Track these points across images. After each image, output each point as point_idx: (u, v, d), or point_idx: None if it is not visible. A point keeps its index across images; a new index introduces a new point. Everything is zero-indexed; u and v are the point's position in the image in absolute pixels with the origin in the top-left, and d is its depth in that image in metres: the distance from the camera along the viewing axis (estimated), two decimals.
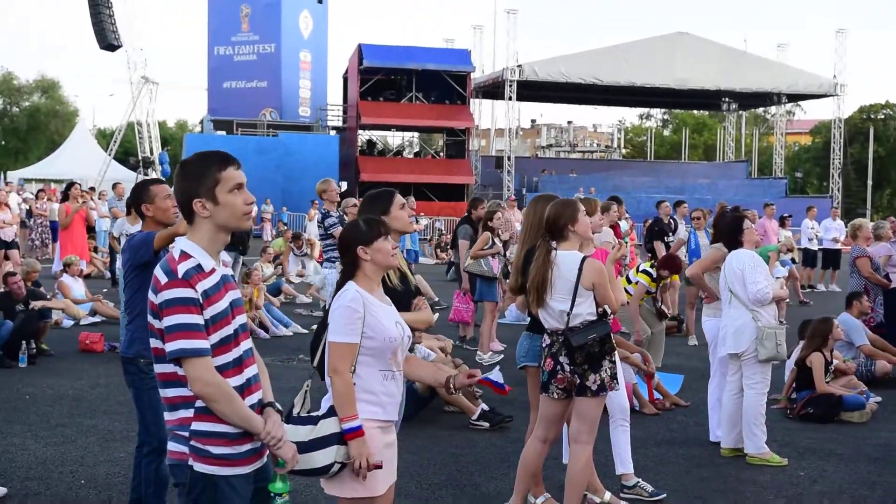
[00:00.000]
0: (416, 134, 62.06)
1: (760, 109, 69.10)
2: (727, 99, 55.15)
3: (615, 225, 12.66)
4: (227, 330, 3.39)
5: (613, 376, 5.68)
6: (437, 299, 16.66)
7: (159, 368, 3.38)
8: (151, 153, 44.46)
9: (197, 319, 3.29)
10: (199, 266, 3.36)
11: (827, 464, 7.51)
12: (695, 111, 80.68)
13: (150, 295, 3.36)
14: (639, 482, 6.52)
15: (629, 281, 10.58)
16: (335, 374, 4.12)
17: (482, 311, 12.21)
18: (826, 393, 8.99)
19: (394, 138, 62.68)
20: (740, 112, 62.79)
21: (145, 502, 5.28)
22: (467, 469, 7.14)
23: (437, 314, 15.01)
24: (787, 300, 17.25)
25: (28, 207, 24.16)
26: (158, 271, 3.35)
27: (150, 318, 3.39)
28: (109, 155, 44.04)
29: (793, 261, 19.27)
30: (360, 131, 49.23)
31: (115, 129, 48.71)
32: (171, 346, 3.27)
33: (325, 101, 52.78)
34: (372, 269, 4.27)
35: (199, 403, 3.33)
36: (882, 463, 7.55)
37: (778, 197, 47.63)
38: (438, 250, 28.60)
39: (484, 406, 8.57)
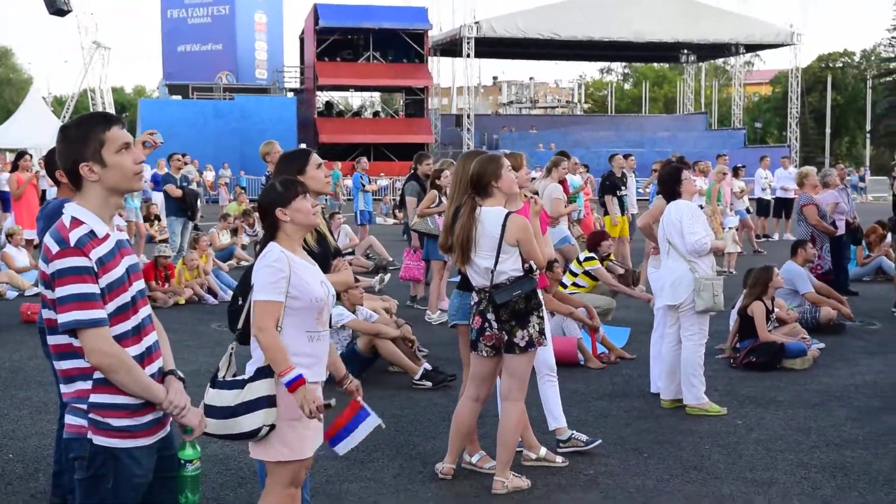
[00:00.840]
0: (377, 94, 61.69)
1: (720, 61, 69.25)
2: (685, 51, 55.17)
3: (563, 180, 12.62)
4: (125, 297, 3.28)
5: (542, 332, 5.64)
6: (391, 259, 16.57)
7: (53, 340, 3.26)
8: None
9: (91, 289, 3.16)
10: (92, 232, 3.23)
11: (766, 411, 7.54)
12: (655, 64, 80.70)
13: (41, 264, 3.23)
14: (573, 434, 6.50)
15: (573, 274, 10.71)
16: (261, 332, 4.05)
17: (432, 271, 12.14)
18: (768, 341, 9.02)
19: (354, 99, 62.27)
20: (699, 64, 62.81)
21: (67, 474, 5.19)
22: (406, 429, 7.10)
23: (389, 275, 15.02)
24: (740, 250, 17.36)
25: None
26: (49, 240, 3.22)
27: (41, 289, 3.28)
28: (62, 122, 43.32)
29: (747, 210, 19.35)
30: (317, 93, 48.80)
31: (70, 95, 47.93)
32: (64, 318, 3.15)
33: (281, 63, 52.31)
34: (293, 229, 4.20)
35: (97, 375, 3.22)
36: (819, 409, 7.60)
37: (736, 147, 47.87)
38: (396, 210, 28.46)
39: (427, 366, 8.53)
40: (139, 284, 3.38)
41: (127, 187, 3.36)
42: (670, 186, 7.57)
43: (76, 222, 3.23)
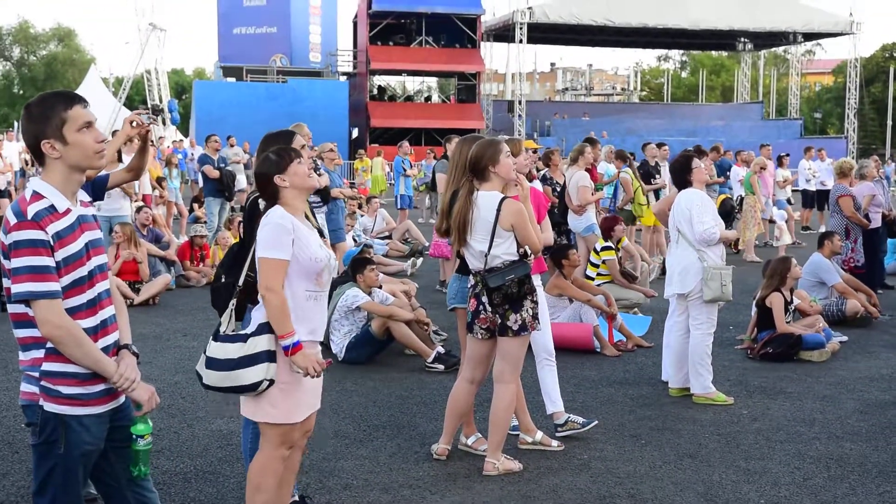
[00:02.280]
0: (433, 79, 61.70)
1: (780, 50, 68.16)
2: (742, 39, 54.40)
3: (592, 168, 12.61)
4: (81, 271, 3.41)
5: (535, 316, 5.70)
6: (427, 244, 16.64)
7: (12, 308, 3.40)
8: (160, 101, 44.43)
9: (46, 261, 3.29)
10: (51, 207, 3.35)
11: (773, 402, 7.52)
12: (713, 52, 79.66)
13: (0, 235, 3.37)
14: (570, 417, 6.55)
15: (594, 266, 10.79)
16: (269, 292, 4.15)
17: None
18: (785, 332, 8.97)
19: (411, 83, 62.38)
20: (757, 52, 61.91)
21: None
22: (411, 410, 7.21)
23: (422, 259, 15.12)
24: (792, 241, 17.21)
25: (27, 158, 24.24)
26: (9, 212, 3.36)
27: (1, 259, 3.41)
28: (119, 102, 44.06)
29: (788, 201, 19.11)
30: (370, 77, 48.98)
31: (126, 77, 48.63)
32: (18, 288, 3.28)
33: (335, 47, 52.53)
34: (293, 194, 4.33)
35: (49, 344, 3.35)
36: (828, 401, 7.56)
37: (793, 138, 47.22)
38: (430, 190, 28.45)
39: (440, 349, 8.63)
40: (99, 259, 3.50)
41: (87, 165, 3.47)
42: (681, 175, 7.56)
43: (36, 196, 3.36)
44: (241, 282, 4.50)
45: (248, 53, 47.93)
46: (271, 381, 4.14)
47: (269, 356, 4.13)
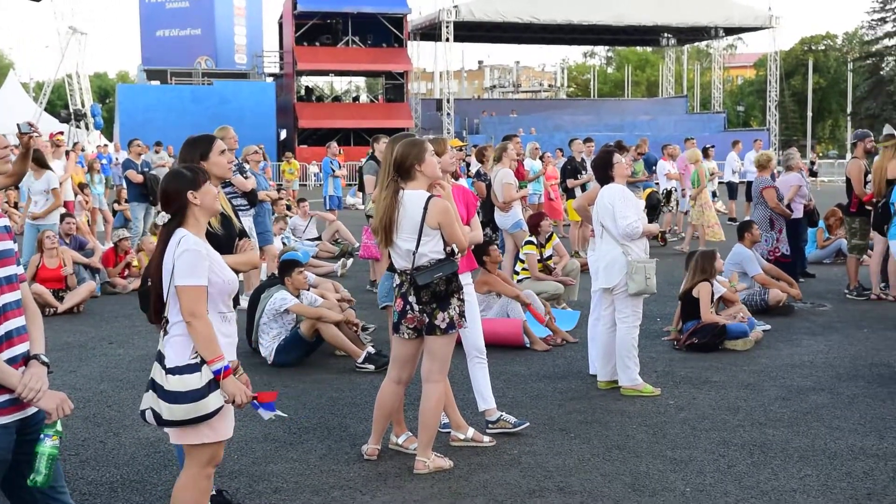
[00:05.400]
0: (361, 79, 61.57)
1: (703, 44, 69.28)
2: (666, 34, 55.14)
3: (518, 164, 12.71)
4: None
5: (462, 314, 5.73)
6: (357, 245, 16.57)
7: None
8: (82, 105, 43.65)
9: None
10: None
11: (699, 392, 7.65)
12: (637, 48, 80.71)
13: None
14: (502, 415, 6.60)
15: (522, 261, 10.94)
16: (195, 318, 4.10)
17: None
18: (710, 322, 9.13)
19: (338, 83, 62.18)
20: (681, 47, 62.86)
21: None
22: (342, 412, 7.19)
23: (352, 260, 15.08)
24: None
25: None
26: None
27: None
28: (40, 107, 43.19)
29: (713, 194, 19.45)
30: (297, 78, 48.70)
31: (47, 81, 47.67)
32: None
33: (261, 48, 52.17)
34: (201, 213, 4.29)
35: None
36: (751, 389, 7.71)
37: (717, 131, 48.01)
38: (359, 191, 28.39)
39: (370, 349, 8.62)
40: (6, 270, 3.45)
41: None
42: (603, 171, 7.65)
43: None
44: (152, 310, 4.45)
45: (172, 56, 47.37)
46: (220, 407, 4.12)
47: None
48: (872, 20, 69.88)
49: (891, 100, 66.35)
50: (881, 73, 68.97)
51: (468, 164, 18.77)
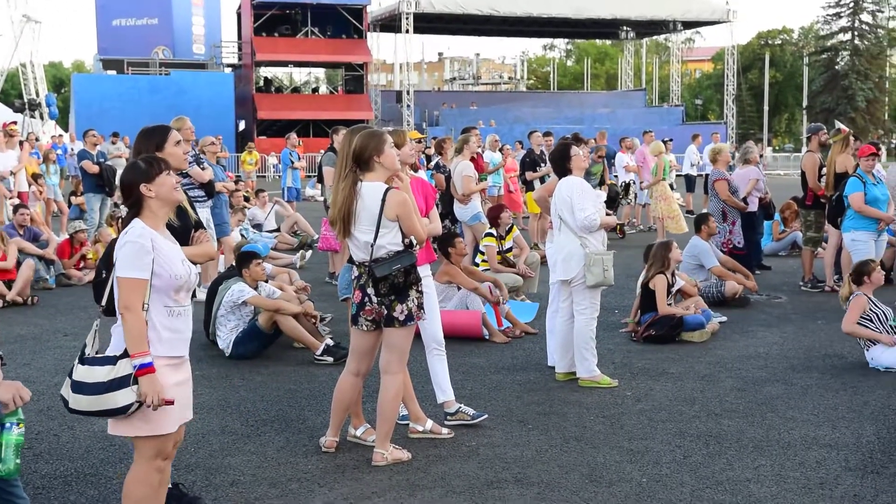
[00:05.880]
0: (320, 70, 61.27)
1: (662, 38, 69.71)
2: (625, 27, 55.50)
3: (478, 157, 12.72)
4: None
5: (420, 306, 5.73)
6: (315, 237, 16.52)
7: None
8: (37, 95, 43.04)
9: None
10: None
11: (656, 383, 7.72)
12: (597, 41, 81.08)
13: None
14: (460, 407, 6.61)
15: (482, 253, 10.97)
16: (127, 311, 4.08)
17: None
18: (667, 314, 9.20)
19: (298, 75, 61.85)
20: (640, 40, 63.24)
21: None
22: (300, 404, 7.17)
23: (311, 252, 15.03)
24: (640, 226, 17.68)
25: None
26: None
27: None
28: None
29: (672, 187, 19.60)
30: (257, 68, 48.38)
31: (0, 70, 46.99)
32: None
33: (219, 38, 51.69)
34: (157, 205, 4.24)
35: None
36: (707, 380, 7.79)
37: (675, 124, 48.37)
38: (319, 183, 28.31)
39: (329, 341, 8.59)
40: None
41: None
42: (560, 163, 7.67)
43: None
44: (103, 302, 4.41)
45: (128, 46, 46.79)
46: (141, 403, 4.06)
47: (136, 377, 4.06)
48: (827, 15, 70.83)
49: (845, 94, 67.25)
50: (836, 67, 69.85)
51: (428, 157, 18.78)
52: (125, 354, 4.09)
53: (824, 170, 11.99)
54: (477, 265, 11.05)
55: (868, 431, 6.40)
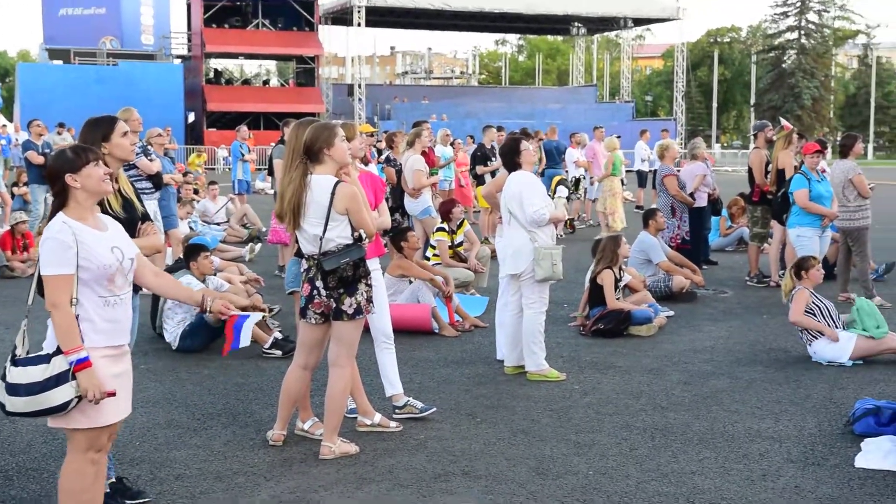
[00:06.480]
0: (271, 62, 60.86)
1: (613, 34, 70.21)
2: (576, 23, 55.78)
3: (429, 151, 12.72)
4: None
5: (370, 300, 5.72)
6: (264, 230, 16.42)
7: None
8: None
9: None
10: None
11: (604, 376, 7.77)
12: (548, 37, 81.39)
13: None
14: (409, 401, 6.61)
15: (433, 247, 10.99)
16: (55, 308, 4.04)
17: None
18: (615, 309, 9.27)
19: (248, 67, 61.39)
20: (591, 37, 63.62)
21: None
22: (247, 397, 7.12)
23: (260, 244, 14.94)
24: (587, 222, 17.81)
25: None
26: None
27: None
28: None
29: (622, 182, 19.72)
30: (206, 60, 47.93)
31: None
32: None
33: (168, 29, 51.09)
34: (84, 196, 4.16)
35: None
36: (654, 373, 7.86)
37: (625, 120, 48.70)
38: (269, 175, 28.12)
39: (277, 335, 8.54)
40: None
41: None
42: (510, 158, 7.70)
43: None
44: (30, 301, 4.34)
45: (75, 35, 46.10)
46: (80, 399, 4.02)
47: (73, 373, 4.01)
48: (775, 14, 71.75)
49: (792, 92, 68.17)
50: (783, 65, 70.81)
51: (379, 150, 18.74)
52: (59, 351, 4.04)
53: (770, 166, 12.15)
54: (428, 259, 11.06)
55: (810, 424, 6.51)
